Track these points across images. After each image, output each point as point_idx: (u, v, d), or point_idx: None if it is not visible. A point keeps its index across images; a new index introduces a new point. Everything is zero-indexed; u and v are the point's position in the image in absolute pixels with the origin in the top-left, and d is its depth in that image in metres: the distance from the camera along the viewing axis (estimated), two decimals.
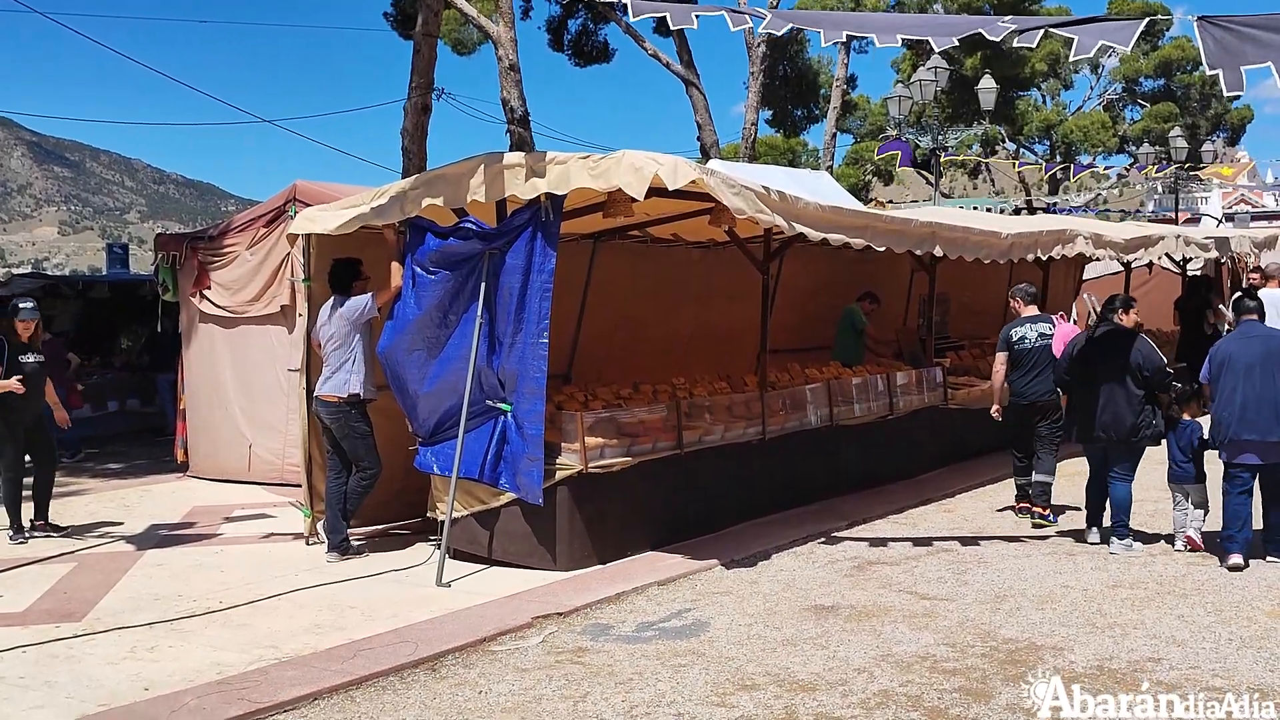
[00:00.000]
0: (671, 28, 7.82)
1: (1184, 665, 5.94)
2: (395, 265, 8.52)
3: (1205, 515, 8.61)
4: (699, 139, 27.15)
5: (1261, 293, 15.33)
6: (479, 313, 8.02)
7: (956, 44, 7.63)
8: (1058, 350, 9.54)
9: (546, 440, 7.96)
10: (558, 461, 8.11)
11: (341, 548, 8.60)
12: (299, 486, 9.36)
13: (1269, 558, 8.15)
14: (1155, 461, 9.08)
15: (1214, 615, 6.84)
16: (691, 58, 27.08)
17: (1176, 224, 27.70)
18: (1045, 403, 9.70)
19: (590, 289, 11.08)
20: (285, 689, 5.74)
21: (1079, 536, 9.08)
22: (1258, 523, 8.25)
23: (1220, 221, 36.28)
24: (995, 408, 9.97)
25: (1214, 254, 16.57)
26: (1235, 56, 7.01)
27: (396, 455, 8.85)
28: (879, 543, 9.00)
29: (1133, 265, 16.24)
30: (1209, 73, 7.10)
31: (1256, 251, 18.34)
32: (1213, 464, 8.56)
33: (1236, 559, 7.96)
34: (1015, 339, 9.80)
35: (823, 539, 9.09)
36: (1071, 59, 7.62)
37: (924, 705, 5.45)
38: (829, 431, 10.60)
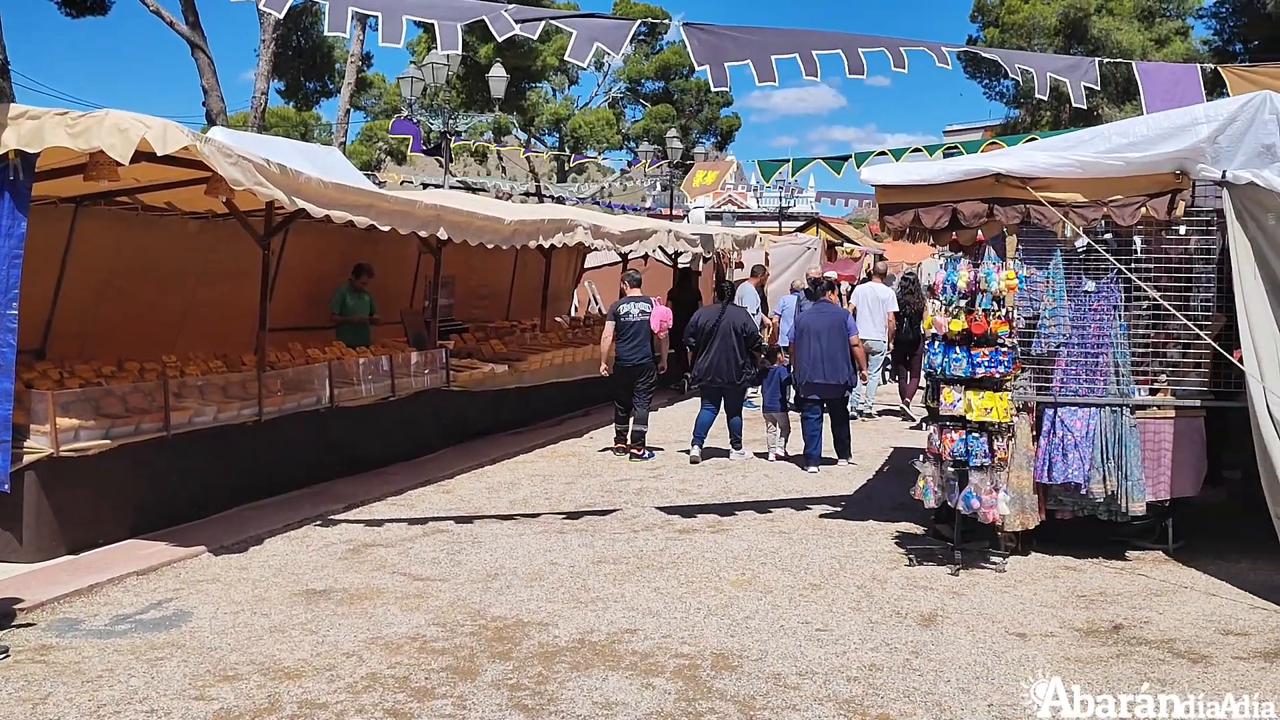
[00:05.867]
0: None
1: (657, 635, 6.35)
2: None
3: (787, 438, 12.50)
4: (205, 104, 25.95)
5: (746, 286, 16.85)
6: None
7: (463, 36, 7.72)
8: (655, 325, 12.44)
9: (14, 421, 7.26)
10: (25, 445, 7.44)
11: None
12: None
13: (840, 460, 11.97)
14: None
15: (686, 587, 7.36)
16: (198, 18, 25.74)
17: (670, 219, 29.61)
18: (642, 365, 12.34)
19: (70, 257, 10.17)
20: None
21: (685, 452, 12.31)
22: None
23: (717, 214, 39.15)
24: (604, 367, 12.64)
25: (700, 249, 17.92)
26: (719, 53, 7.78)
27: None
28: (376, 525, 8.98)
29: (629, 256, 17.20)
30: (698, 68, 7.83)
31: (738, 248, 20.04)
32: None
33: (814, 468, 11.62)
34: (621, 313, 12.37)
35: (319, 522, 8.95)
36: (568, 58, 7.93)
37: (411, 686, 5.49)
38: (329, 413, 10.42)
